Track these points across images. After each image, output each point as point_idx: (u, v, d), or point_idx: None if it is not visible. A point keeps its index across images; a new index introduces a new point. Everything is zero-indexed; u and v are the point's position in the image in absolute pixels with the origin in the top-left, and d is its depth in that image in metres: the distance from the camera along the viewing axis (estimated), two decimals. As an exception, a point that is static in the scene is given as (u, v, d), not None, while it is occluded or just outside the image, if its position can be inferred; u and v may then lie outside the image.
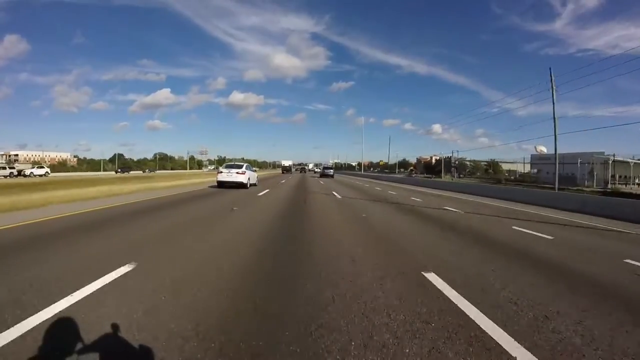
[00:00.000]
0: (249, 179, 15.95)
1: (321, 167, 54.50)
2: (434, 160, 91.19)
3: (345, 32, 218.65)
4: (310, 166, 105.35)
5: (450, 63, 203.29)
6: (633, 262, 4.20)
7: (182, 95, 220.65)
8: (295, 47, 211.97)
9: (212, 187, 16.39)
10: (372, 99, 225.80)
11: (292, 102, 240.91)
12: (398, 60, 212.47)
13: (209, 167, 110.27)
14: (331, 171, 41.14)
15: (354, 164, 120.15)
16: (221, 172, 16.05)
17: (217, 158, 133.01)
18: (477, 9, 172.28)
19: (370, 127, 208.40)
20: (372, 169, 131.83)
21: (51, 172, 42.99)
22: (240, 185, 15.49)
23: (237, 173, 15.50)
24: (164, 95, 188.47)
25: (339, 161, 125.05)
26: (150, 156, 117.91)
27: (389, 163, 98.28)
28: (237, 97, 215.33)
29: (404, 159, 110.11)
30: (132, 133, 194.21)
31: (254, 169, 19.10)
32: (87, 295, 2.58)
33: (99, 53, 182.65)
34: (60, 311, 2.29)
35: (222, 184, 15.74)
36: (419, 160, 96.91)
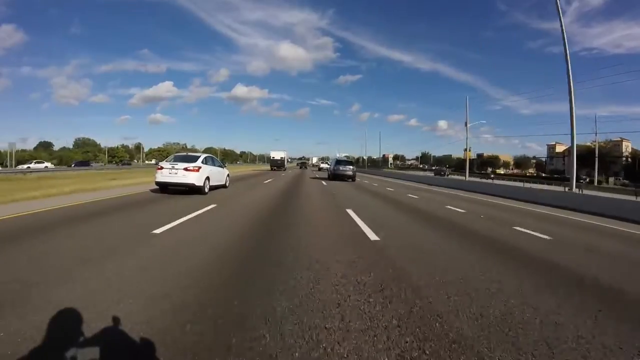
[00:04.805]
0: (206, 178, 9.96)
1: (331, 162, 28.94)
2: (594, 146, 47.81)
3: (349, 27, 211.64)
4: (314, 160, 78.85)
5: (454, 60, 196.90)
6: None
7: (184, 89, 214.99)
8: (299, 40, 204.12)
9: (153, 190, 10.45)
10: (377, 94, 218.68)
11: (296, 97, 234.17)
12: (402, 56, 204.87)
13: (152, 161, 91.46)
14: (349, 169, 21.07)
15: (375, 157, 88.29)
16: (162, 167, 9.82)
17: (183, 146, 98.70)
18: (481, 6, 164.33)
19: (374, 123, 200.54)
20: (426, 165, 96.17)
21: None
22: (192, 190, 9.59)
23: (186, 170, 9.46)
24: (166, 88, 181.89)
25: (351, 155, 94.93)
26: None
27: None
28: (240, 90, 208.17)
29: (552, 143, 74.15)
30: (134, 126, 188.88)
31: (220, 163, 12.46)
32: None
33: (100, 45, 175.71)
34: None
35: (163, 187, 9.84)
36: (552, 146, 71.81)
